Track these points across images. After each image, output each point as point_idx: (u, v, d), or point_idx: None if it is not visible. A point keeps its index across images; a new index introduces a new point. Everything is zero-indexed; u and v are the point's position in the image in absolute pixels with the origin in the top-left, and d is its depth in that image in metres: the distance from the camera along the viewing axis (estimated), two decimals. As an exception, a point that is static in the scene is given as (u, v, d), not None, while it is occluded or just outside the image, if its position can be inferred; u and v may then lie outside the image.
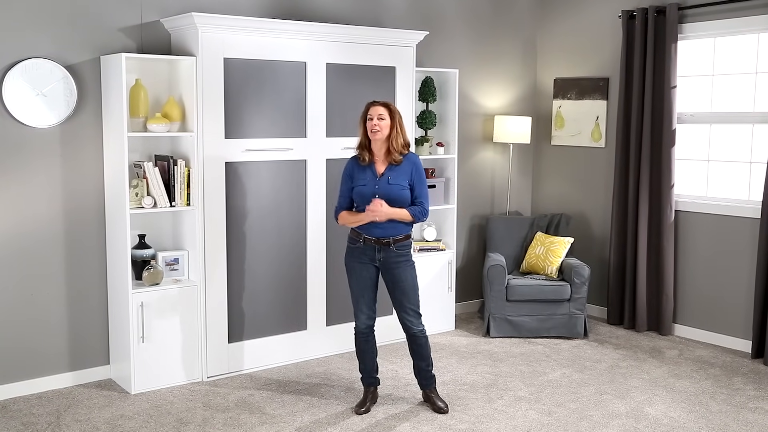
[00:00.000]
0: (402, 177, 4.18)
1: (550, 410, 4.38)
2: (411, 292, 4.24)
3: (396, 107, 4.22)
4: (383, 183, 4.15)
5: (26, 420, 4.16)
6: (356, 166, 4.24)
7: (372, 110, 4.15)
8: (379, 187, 4.15)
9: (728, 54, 5.59)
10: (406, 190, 4.17)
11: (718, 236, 5.60)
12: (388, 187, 4.14)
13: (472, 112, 6.35)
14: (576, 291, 5.65)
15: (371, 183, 4.16)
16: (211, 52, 4.59)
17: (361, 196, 4.18)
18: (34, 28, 4.37)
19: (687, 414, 4.34)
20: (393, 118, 4.14)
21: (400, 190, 4.16)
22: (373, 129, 4.10)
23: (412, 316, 4.26)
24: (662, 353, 5.43)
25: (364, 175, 4.19)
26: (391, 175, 4.17)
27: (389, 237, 4.18)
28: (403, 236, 4.22)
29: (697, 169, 5.80)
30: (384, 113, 4.12)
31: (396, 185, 4.15)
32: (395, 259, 4.21)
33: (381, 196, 4.13)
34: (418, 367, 4.37)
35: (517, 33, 6.58)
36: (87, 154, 4.61)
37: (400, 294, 4.24)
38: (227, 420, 4.19)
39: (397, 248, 4.20)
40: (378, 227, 4.16)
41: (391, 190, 4.14)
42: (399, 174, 4.18)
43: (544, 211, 6.72)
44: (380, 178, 4.17)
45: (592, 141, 6.34)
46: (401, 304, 4.25)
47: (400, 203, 4.16)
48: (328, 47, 5.04)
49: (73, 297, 4.65)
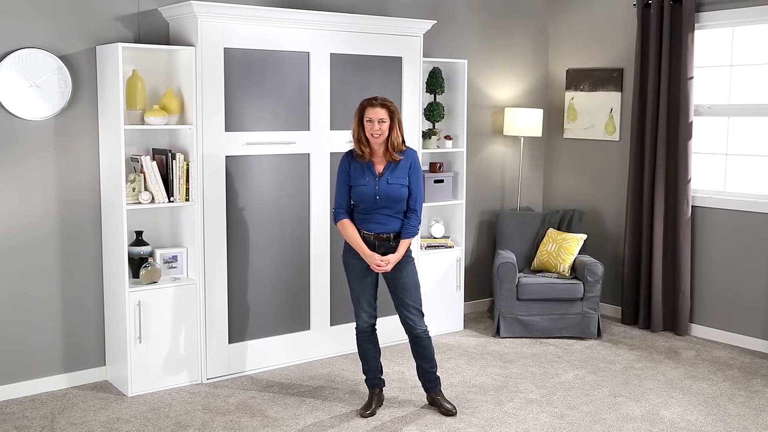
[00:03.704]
0: (400, 175, 4.18)
1: (563, 413, 4.35)
2: (412, 288, 4.23)
3: (395, 105, 4.17)
4: (383, 183, 4.16)
5: (19, 423, 4.14)
6: (353, 162, 4.21)
7: (370, 113, 4.08)
8: (380, 188, 4.15)
9: (747, 44, 5.56)
10: (404, 189, 4.19)
11: (737, 233, 5.56)
12: (387, 188, 4.15)
13: (481, 104, 6.34)
14: (589, 290, 5.63)
15: (371, 184, 4.16)
16: (210, 41, 4.58)
17: (362, 196, 4.18)
18: (28, 16, 4.36)
19: (704, 417, 4.32)
20: (393, 119, 4.12)
21: (399, 189, 4.17)
22: (375, 134, 4.09)
23: (414, 314, 4.23)
24: (678, 354, 5.41)
25: (363, 174, 4.17)
26: (391, 174, 4.17)
27: (389, 233, 4.19)
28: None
29: (715, 163, 5.78)
30: (385, 116, 4.09)
31: (395, 185, 4.16)
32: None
33: (381, 197, 4.14)
34: (422, 369, 4.36)
35: (528, 22, 6.57)
36: (82, 148, 4.60)
37: (401, 291, 4.23)
38: (227, 423, 4.17)
39: (396, 243, 4.20)
40: (376, 223, 4.18)
41: (391, 190, 4.15)
42: (397, 172, 4.18)
43: (556, 206, 6.72)
44: (380, 178, 4.17)
45: (605, 134, 6.33)
46: (402, 301, 4.23)
47: (399, 202, 4.18)
48: (332, 37, 5.03)
49: (67, 296, 4.63)
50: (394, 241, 4.19)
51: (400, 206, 4.18)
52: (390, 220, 4.18)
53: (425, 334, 4.25)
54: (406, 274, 4.21)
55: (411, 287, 4.22)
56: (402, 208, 4.19)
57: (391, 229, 4.18)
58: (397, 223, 4.19)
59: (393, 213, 4.18)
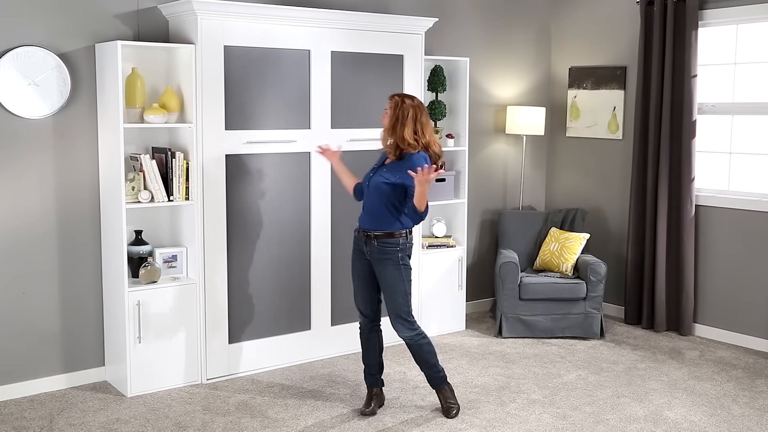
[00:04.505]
0: (393, 172, 4.05)
1: (565, 414, 4.34)
2: (390, 293, 4.12)
3: (410, 101, 4.10)
4: (376, 176, 4.14)
5: (18, 424, 4.12)
6: (381, 157, 4.26)
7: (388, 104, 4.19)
8: (371, 180, 4.15)
9: (751, 41, 5.54)
10: (387, 184, 4.05)
11: (741, 232, 5.55)
12: (376, 179, 4.11)
13: (483, 102, 6.32)
14: (592, 289, 5.61)
15: (368, 174, 4.20)
16: (210, 39, 4.56)
17: (360, 185, 4.32)
18: (26, 14, 4.34)
19: (708, 418, 4.30)
20: (396, 110, 4.08)
21: (382, 183, 4.06)
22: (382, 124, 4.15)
23: (396, 321, 4.15)
24: (682, 354, 5.39)
25: (376, 164, 4.25)
26: (389, 169, 4.10)
27: (371, 231, 4.13)
28: (382, 233, 4.10)
29: (719, 161, 5.76)
30: (388, 106, 4.14)
31: (381, 178, 4.08)
32: (378, 255, 4.13)
33: (369, 188, 4.13)
34: (421, 370, 4.36)
35: (530, 19, 6.55)
36: (81, 147, 4.58)
37: (383, 294, 4.20)
38: (228, 424, 4.16)
39: (378, 244, 4.11)
40: (365, 218, 4.16)
41: (376, 182, 4.10)
42: (394, 169, 4.07)
43: (558, 205, 6.70)
44: (379, 168, 4.17)
45: (608, 132, 6.32)
46: (386, 306, 4.20)
47: (380, 195, 4.06)
48: (333, 35, 5.01)
49: (66, 295, 4.62)
50: (375, 240, 4.08)
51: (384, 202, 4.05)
52: (375, 219, 4.08)
53: (411, 341, 4.16)
54: (385, 276, 4.11)
55: (389, 291, 4.10)
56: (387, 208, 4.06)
57: (374, 228, 4.09)
58: (380, 222, 4.07)
59: (380, 212, 4.07)
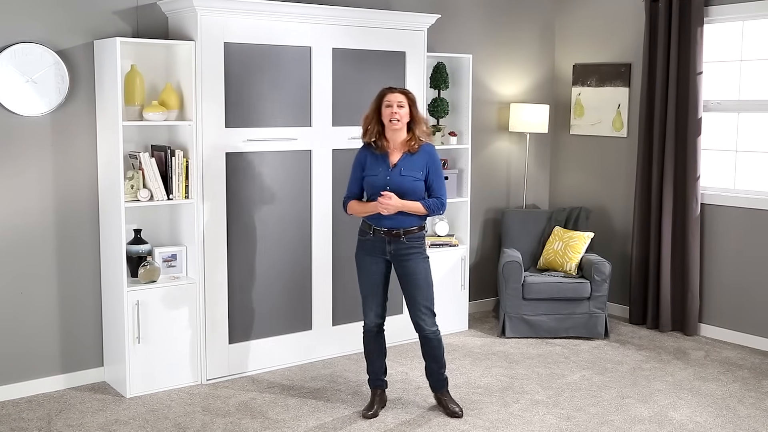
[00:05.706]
0: (416, 168, 4.12)
1: (569, 415, 4.33)
2: (424, 286, 4.17)
3: (413, 94, 4.17)
4: (395, 174, 4.10)
5: (15, 425, 4.12)
6: (369, 154, 4.19)
7: (390, 97, 4.11)
8: (391, 179, 4.10)
9: (757, 38, 5.52)
10: (419, 182, 4.12)
11: (747, 231, 5.53)
12: (400, 179, 4.09)
13: (486, 99, 6.31)
14: (596, 289, 5.59)
15: (383, 174, 4.12)
16: (210, 36, 4.55)
17: (372, 187, 4.15)
18: (24, 10, 4.33)
19: (714, 419, 4.29)
20: (411, 106, 4.11)
21: (413, 182, 4.10)
22: (393, 117, 4.07)
23: (425, 314, 4.18)
24: (687, 354, 5.38)
25: (377, 164, 4.15)
26: (405, 165, 4.11)
27: (399, 228, 4.12)
28: (415, 228, 4.16)
29: (725, 159, 5.75)
30: (402, 100, 4.10)
31: (408, 177, 4.10)
32: (406, 251, 4.14)
33: (392, 188, 4.08)
34: (430, 369, 4.33)
35: (534, 15, 6.54)
36: (79, 145, 4.57)
37: (412, 289, 4.17)
38: (228, 425, 4.15)
39: (408, 240, 4.13)
40: (388, 218, 4.11)
41: (404, 182, 4.09)
42: (413, 165, 4.12)
43: (562, 204, 6.69)
44: (393, 168, 4.11)
45: (613, 130, 6.30)
46: (414, 300, 4.18)
47: (412, 196, 4.10)
48: (334, 31, 5.00)
49: (65, 295, 4.61)
50: (405, 237, 4.10)
51: (416, 199, 4.09)
52: (401, 215, 4.09)
53: (434, 335, 4.20)
54: (419, 271, 4.14)
55: (423, 285, 4.15)
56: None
57: (402, 225, 4.10)
58: (409, 219, 4.11)
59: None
